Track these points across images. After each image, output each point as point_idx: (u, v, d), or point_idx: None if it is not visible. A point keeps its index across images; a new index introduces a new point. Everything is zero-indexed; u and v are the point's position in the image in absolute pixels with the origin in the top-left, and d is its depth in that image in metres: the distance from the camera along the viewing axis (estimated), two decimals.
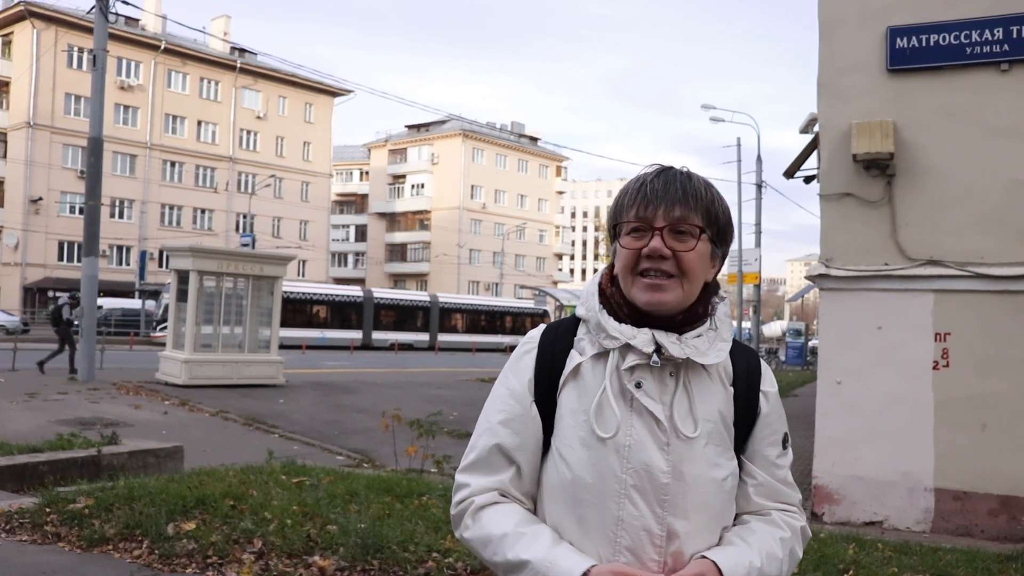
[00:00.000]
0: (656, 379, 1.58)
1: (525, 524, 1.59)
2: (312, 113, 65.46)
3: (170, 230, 56.06)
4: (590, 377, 1.61)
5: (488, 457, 1.64)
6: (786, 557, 1.62)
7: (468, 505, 1.63)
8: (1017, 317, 7.40)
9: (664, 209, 1.56)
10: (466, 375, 24.88)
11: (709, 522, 1.58)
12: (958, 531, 7.37)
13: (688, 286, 1.58)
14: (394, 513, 6.12)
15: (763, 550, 1.57)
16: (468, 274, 76.92)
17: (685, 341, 1.58)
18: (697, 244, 1.57)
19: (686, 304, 1.60)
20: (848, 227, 7.99)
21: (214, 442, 11.16)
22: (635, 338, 1.57)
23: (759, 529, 1.62)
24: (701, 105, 34.83)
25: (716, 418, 1.60)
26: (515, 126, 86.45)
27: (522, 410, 1.64)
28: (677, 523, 1.54)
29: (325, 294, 45.76)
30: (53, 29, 50.23)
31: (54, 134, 51.02)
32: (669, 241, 1.56)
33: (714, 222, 1.61)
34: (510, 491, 1.64)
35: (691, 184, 1.60)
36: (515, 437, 1.63)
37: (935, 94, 7.77)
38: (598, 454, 1.55)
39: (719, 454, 1.59)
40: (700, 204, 1.58)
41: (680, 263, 1.56)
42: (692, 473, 1.55)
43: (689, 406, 1.58)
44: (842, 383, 7.90)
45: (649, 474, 1.54)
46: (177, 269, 18.03)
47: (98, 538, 5.63)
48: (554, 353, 1.66)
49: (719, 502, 1.59)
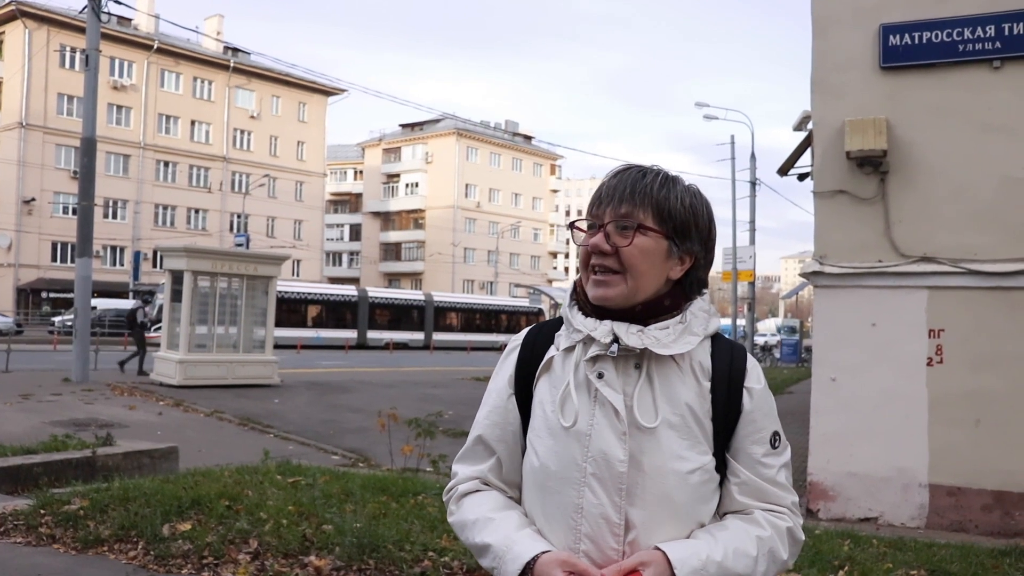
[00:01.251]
0: (619, 370, 1.60)
1: (497, 510, 1.66)
2: (306, 112, 65.36)
3: (164, 230, 55.97)
4: (560, 369, 1.66)
5: (473, 447, 1.75)
6: (762, 556, 1.58)
7: (453, 493, 1.75)
8: (1011, 313, 7.43)
9: (612, 206, 1.60)
10: (461, 374, 24.87)
11: (671, 515, 1.56)
12: (952, 527, 7.39)
13: (633, 281, 1.59)
14: (390, 512, 6.12)
15: (730, 545, 1.55)
16: (463, 273, 76.92)
17: (647, 332, 1.59)
18: (635, 238, 1.58)
19: (637, 298, 1.61)
20: (842, 224, 8.01)
21: (209, 442, 11.14)
22: (596, 330, 1.60)
23: (732, 526, 1.61)
24: (695, 103, 34.82)
25: (683, 411, 1.59)
26: (509, 125, 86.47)
27: (501, 403, 1.73)
28: (635, 513, 1.55)
29: (320, 294, 45.72)
30: (45, 29, 50.05)
31: (47, 134, 50.87)
32: (613, 237, 1.59)
33: (667, 218, 1.60)
34: (491, 480, 1.73)
35: (642, 181, 1.61)
36: (495, 429, 1.72)
37: (928, 91, 7.79)
38: (562, 443, 1.60)
39: (686, 447, 1.58)
40: (648, 199, 1.60)
41: (621, 258, 1.59)
42: (652, 464, 1.56)
43: (652, 397, 1.59)
44: (837, 380, 7.92)
45: (607, 462, 1.56)
46: (171, 269, 18.00)
47: (93, 539, 5.62)
48: (535, 349, 1.73)
49: (683, 495, 1.57)
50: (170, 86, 57.66)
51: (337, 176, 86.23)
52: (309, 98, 65.04)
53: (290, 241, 59.14)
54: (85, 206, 18.32)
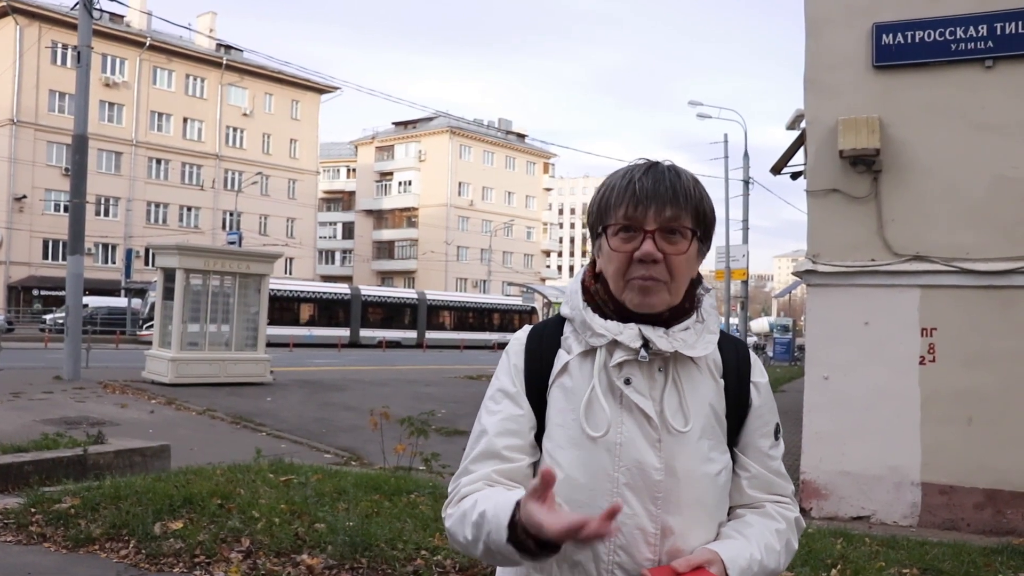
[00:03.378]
0: (645, 374, 1.56)
1: (495, 489, 1.52)
2: (299, 110, 65.23)
3: (156, 228, 55.80)
4: (578, 375, 1.58)
5: (483, 460, 1.58)
6: (783, 548, 1.61)
7: (454, 497, 1.58)
8: (1002, 312, 7.45)
9: (655, 210, 1.52)
10: (454, 372, 24.86)
11: (704, 518, 1.56)
12: (944, 525, 7.41)
13: (676, 288, 1.56)
14: (382, 511, 6.10)
15: (761, 543, 1.56)
16: (456, 271, 76.88)
17: (673, 335, 1.56)
18: (688, 247, 1.55)
19: (673, 303, 1.58)
20: (835, 223, 8.02)
21: (201, 441, 11.10)
22: (622, 334, 1.55)
23: (755, 522, 1.61)
24: (688, 101, 34.86)
25: (708, 412, 1.58)
26: (503, 123, 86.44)
27: (516, 410, 1.60)
28: (671, 520, 1.52)
29: (312, 292, 45.67)
30: (36, 25, 49.87)
31: (38, 131, 50.69)
32: (660, 243, 1.53)
33: (702, 221, 1.58)
34: (499, 480, 1.56)
35: (680, 182, 1.55)
36: (510, 438, 1.58)
37: (921, 90, 7.80)
38: (589, 453, 1.52)
39: (712, 448, 1.57)
40: (690, 203, 1.55)
41: (670, 266, 1.54)
42: (685, 469, 1.53)
43: (679, 400, 1.56)
44: (829, 379, 7.92)
45: (642, 471, 1.51)
46: (163, 267, 17.93)
47: (84, 538, 5.60)
48: (542, 353, 1.63)
49: (713, 497, 1.57)
50: (162, 83, 57.50)
51: (330, 174, 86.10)
52: (302, 96, 64.90)
53: (283, 239, 59.00)
54: (77, 203, 18.25)
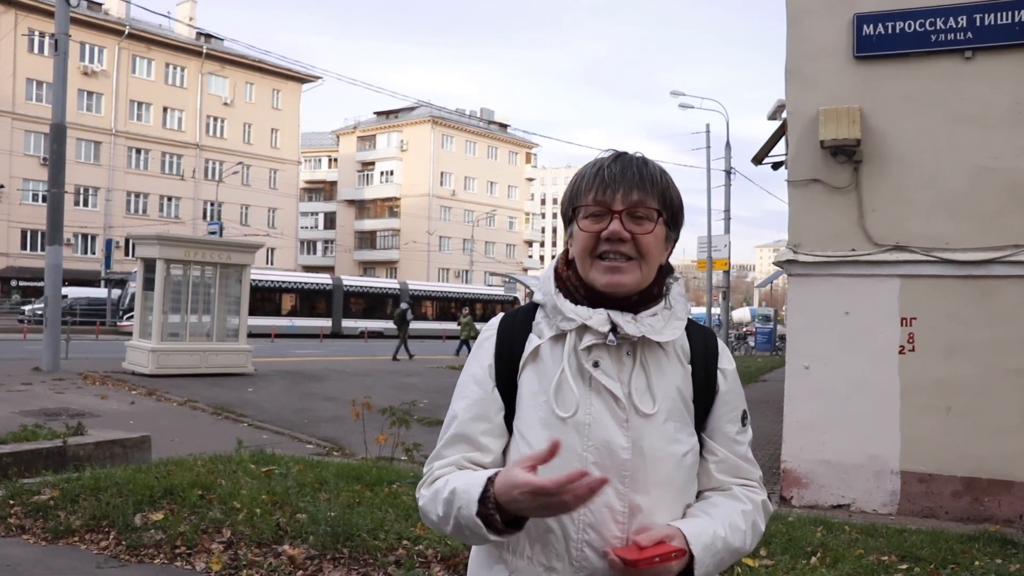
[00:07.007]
0: (613, 358, 1.62)
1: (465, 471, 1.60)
2: (280, 99, 64.87)
3: (136, 218, 55.41)
4: (548, 359, 1.64)
5: (453, 444, 1.66)
6: (749, 529, 1.66)
7: (426, 480, 1.65)
8: (981, 302, 7.51)
9: (622, 193, 1.61)
10: (436, 362, 24.86)
11: (671, 497, 1.61)
12: (923, 513, 7.48)
13: (646, 268, 1.63)
14: (364, 501, 6.11)
15: (726, 521, 1.61)
16: (438, 261, 76.79)
17: (640, 320, 1.62)
18: (655, 227, 1.62)
19: (643, 286, 1.65)
20: (816, 213, 8.05)
21: (182, 432, 11.05)
22: (591, 318, 1.61)
23: (721, 503, 1.66)
24: (670, 92, 34.87)
25: (674, 395, 1.64)
26: (485, 112, 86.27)
27: (483, 394, 1.67)
28: (639, 499, 1.57)
29: (294, 282, 45.48)
30: (13, 12, 49.25)
31: (15, 120, 50.16)
32: (627, 224, 1.60)
33: (668, 206, 1.65)
34: (468, 466, 1.64)
35: (647, 169, 1.64)
36: (479, 423, 1.65)
37: (901, 81, 7.84)
38: (558, 433, 1.56)
39: (678, 430, 1.63)
40: (656, 188, 1.63)
41: (638, 246, 1.61)
42: (652, 449, 1.59)
43: (647, 383, 1.62)
44: (810, 368, 7.97)
45: (609, 451, 1.57)
46: (143, 257, 17.81)
47: (64, 530, 5.57)
48: (513, 337, 1.70)
49: (680, 477, 1.62)
50: (142, 72, 56.99)
51: (311, 164, 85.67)
52: (283, 85, 64.54)
53: (264, 229, 58.70)
54: (55, 193, 18.07)
